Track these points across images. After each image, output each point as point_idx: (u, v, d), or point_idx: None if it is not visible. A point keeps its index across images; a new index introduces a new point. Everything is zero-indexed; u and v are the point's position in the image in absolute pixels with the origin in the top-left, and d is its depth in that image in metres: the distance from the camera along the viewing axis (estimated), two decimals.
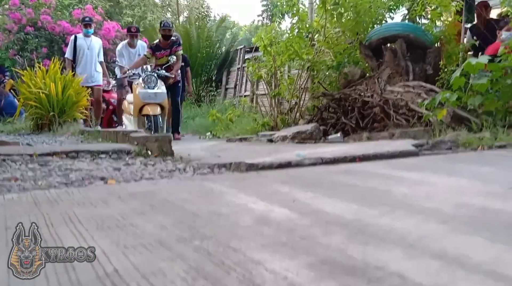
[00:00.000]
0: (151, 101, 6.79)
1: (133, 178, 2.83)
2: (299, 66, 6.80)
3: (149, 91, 6.80)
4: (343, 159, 3.15)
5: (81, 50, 8.99)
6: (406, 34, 5.46)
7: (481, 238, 1.49)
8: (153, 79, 6.87)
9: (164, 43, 7.79)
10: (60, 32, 13.45)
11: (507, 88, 4.47)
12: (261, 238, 1.51)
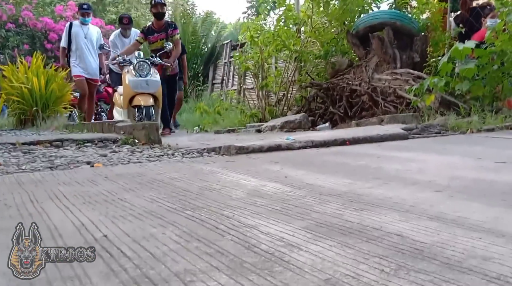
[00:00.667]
0: (142, 91, 5.84)
1: (120, 162, 2.76)
2: (286, 57, 6.77)
3: (140, 79, 5.82)
4: (333, 142, 3.13)
5: (77, 38, 7.83)
6: (393, 21, 5.46)
7: (477, 203, 1.47)
8: (146, 67, 5.94)
9: (157, 24, 6.53)
10: (42, 28, 13.23)
11: (493, 73, 4.50)
12: (254, 208, 1.47)
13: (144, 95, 5.84)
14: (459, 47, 4.32)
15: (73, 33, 7.78)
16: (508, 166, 2.14)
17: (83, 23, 7.87)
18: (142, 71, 5.90)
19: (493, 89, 4.51)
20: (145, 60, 5.97)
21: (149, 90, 5.88)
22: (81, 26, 7.86)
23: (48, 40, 12.64)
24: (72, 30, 7.77)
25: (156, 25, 6.52)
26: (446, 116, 4.15)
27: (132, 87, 5.84)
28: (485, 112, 4.13)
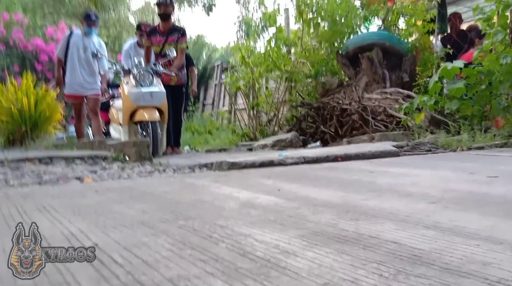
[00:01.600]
0: (146, 104, 4.91)
1: (110, 178, 2.73)
2: (277, 78, 6.82)
3: (143, 91, 4.89)
4: (325, 158, 3.12)
5: (75, 49, 6.67)
6: (382, 42, 5.55)
7: (473, 213, 1.46)
8: (148, 76, 5.05)
9: (163, 26, 5.64)
10: (32, 50, 13.22)
11: (482, 93, 4.55)
12: (248, 218, 1.44)
13: (148, 108, 4.95)
14: (447, 67, 4.38)
15: (72, 43, 6.67)
16: (500, 180, 2.14)
17: (86, 34, 6.69)
18: (144, 81, 5.05)
19: (481, 108, 4.56)
20: (147, 68, 5.13)
21: (154, 103, 4.98)
22: (82, 37, 6.68)
23: (38, 62, 12.61)
24: (71, 40, 6.69)
25: (162, 27, 5.67)
26: (436, 134, 4.18)
27: (134, 100, 4.94)
28: (475, 130, 4.16)
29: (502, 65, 4.25)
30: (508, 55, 4.15)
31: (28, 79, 8.59)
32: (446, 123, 4.39)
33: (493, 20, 4.71)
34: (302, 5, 6.10)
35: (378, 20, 6.41)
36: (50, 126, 8.65)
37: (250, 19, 9.73)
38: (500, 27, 4.41)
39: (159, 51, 5.62)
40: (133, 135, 5.14)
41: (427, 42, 6.03)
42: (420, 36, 5.87)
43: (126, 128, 5.16)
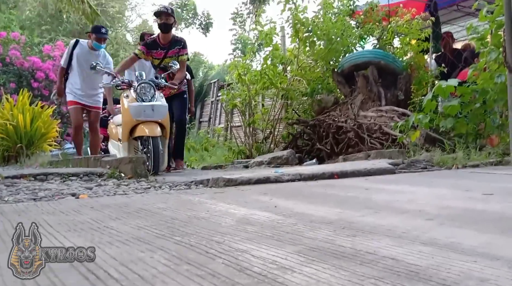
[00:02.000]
0: (146, 118, 4.65)
1: (106, 194, 2.71)
2: (273, 95, 6.86)
3: (144, 104, 4.65)
4: (322, 175, 3.12)
5: (80, 62, 6.20)
6: (377, 61, 5.61)
7: (469, 230, 1.46)
8: (150, 89, 4.80)
9: (164, 38, 5.31)
10: (29, 67, 13.25)
11: (476, 111, 4.59)
12: (245, 234, 1.44)
13: (149, 123, 4.69)
14: (442, 85, 4.42)
15: (76, 55, 6.21)
16: (496, 197, 2.15)
17: (94, 49, 6.25)
18: (145, 94, 4.79)
19: (476, 126, 4.60)
20: (148, 81, 4.86)
21: (155, 118, 4.71)
22: (90, 51, 6.25)
23: (35, 79, 12.63)
24: (75, 51, 6.23)
25: (162, 39, 5.32)
26: (432, 152, 4.20)
27: (134, 115, 4.66)
28: (469, 148, 4.19)
29: (496, 83, 4.30)
30: (502, 74, 4.20)
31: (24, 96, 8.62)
32: (441, 141, 4.42)
33: (486, 39, 4.78)
34: (298, 24, 6.17)
35: (373, 39, 6.49)
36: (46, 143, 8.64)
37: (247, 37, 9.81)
38: (494, 46, 4.47)
39: (157, 64, 5.41)
40: (133, 152, 4.89)
41: (421, 61, 6.10)
42: (414, 55, 5.94)
43: (126, 144, 4.89)
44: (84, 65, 6.06)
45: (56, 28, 20.17)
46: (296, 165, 5.21)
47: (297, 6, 6.30)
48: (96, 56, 6.17)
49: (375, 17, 6.34)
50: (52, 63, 13.04)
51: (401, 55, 5.93)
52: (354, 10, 6.53)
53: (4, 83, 13.19)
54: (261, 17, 6.87)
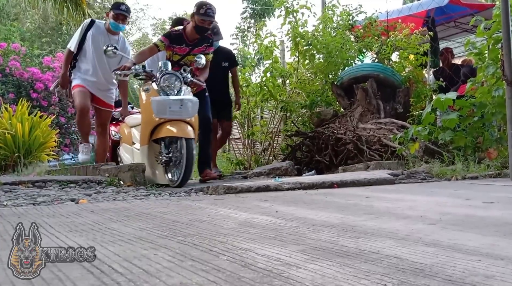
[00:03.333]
0: (172, 117, 3.78)
1: (105, 200, 2.70)
2: (272, 107, 6.88)
3: (171, 99, 3.79)
4: (322, 184, 3.12)
5: (92, 46, 4.96)
6: (376, 74, 5.65)
7: (471, 233, 1.46)
8: (176, 81, 3.94)
9: (191, 35, 4.52)
10: (28, 78, 13.28)
11: (474, 124, 4.61)
12: (247, 235, 1.43)
13: (175, 122, 3.81)
14: (441, 98, 4.45)
15: (91, 37, 4.97)
16: (496, 205, 2.15)
17: (111, 31, 5.00)
18: (171, 88, 3.91)
19: (474, 139, 4.61)
20: (174, 72, 3.99)
21: (183, 115, 3.80)
22: (107, 33, 5.01)
23: (34, 90, 12.64)
24: (89, 33, 4.97)
25: (190, 35, 4.53)
26: (431, 163, 4.20)
27: (157, 112, 3.76)
28: (468, 161, 4.20)
29: (494, 97, 4.33)
30: (499, 88, 4.23)
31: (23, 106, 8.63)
32: (440, 153, 4.43)
33: (484, 54, 4.83)
34: (298, 37, 6.22)
35: (372, 53, 6.54)
36: (44, 152, 8.63)
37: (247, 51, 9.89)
38: (491, 60, 4.51)
39: (177, 60, 4.52)
40: (153, 157, 4.02)
41: (420, 75, 6.15)
42: (413, 69, 5.99)
43: (145, 148, 4.01)
44: (99, 51, 4.84)
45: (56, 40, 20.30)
46: (295, 176, 5.20)
47: (297, 20, 6.35)
48: (114, 41, 4.97)
49: (374, 32, 6.39)
50: (51, 74, 13.06)
51: (399, 69, 5.98)
52: (353, 25, 6.59)
53: (3, 93, 13.18)
54: (261, 31, 6.93)
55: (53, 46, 19.57)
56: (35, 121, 8.57)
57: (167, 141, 3.91)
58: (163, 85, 3.93)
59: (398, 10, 7.30)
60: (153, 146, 4.03)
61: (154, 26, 31.15)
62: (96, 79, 4.97)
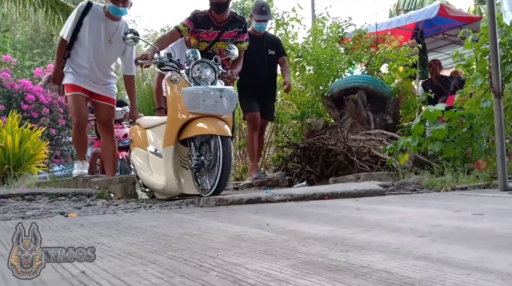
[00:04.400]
0: (207, 112, 3.24)
1: (95, 213, 2.68)
2: None
3: (209, 88, 3.27)
4: (312, 196, 3.13)
5: (89, 32, 4.21)
6: (366, 85, 5.70)
7: (461, 246, 1.47)
8: (209, 70, 3.40)
9: (217, 16, 3.97)
10: (19, 89, 13.20)
11: (463, 135, 4.66)
12: (238, 249, 1.43)
13: (208, 119, 3.26)
14: (430, 110, 4.50)
15: (88, 23, 4.19)
16: (486, 217, 2.17)
17: (111, 16, 4.24)
18: (204, 79, 3.36)
19: (463, 150, 4.65)
20: (209, 61, 3.45)
21: (219, 111, 3.27)
22: (105, 19, 4.24)
23: (24, 101, 12.57)
24: (85, 19, 4.20)
25: (216, 17, 3.95)
26: (421, 174, 4.23)
27: (189, 105, 3.22)
28: (458, 172, 4.23)
29: (482, 108, 4.38)
30: (487, 99, 4.28)
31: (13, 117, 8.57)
32: (430, 164, 4.46)
33: (472, 66, 4.89)
34: (288, 49, 6.27)
35: (361, 65, 6.61)
36: (34, 165, 8.56)
37: None
38: (479, 72, 4.57)
39: (204, 49, 3.91)
40: (178, 162, 3.47)
41: (409, 87, 6.22)
42: (402, 81, 6.06)
43: (170, 150, 3.40)
44: (97, 38, 4.21)
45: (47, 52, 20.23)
46: (286, 187, 5.20)
47: (287, 32, 6.41)
48: (115, 28, 4.27)
49: (363, 44, 6.47)
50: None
51: (389, 81, 6.04)
52: (343, 37, 6.66)
53: None
54: None
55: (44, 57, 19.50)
56: (25, 133, 8.51)
57: (197, 141, 3.33)
58: (195, 75, 3.36)
59: (387, 22, 7.40)
60: (181, 147, 3.48)
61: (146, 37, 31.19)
62: (91, 73, 4.29)
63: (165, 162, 3.44)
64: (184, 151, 3.49)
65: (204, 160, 3.28)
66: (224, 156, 3.11)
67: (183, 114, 3.31)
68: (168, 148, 3.42)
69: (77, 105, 4.23)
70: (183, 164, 3.51)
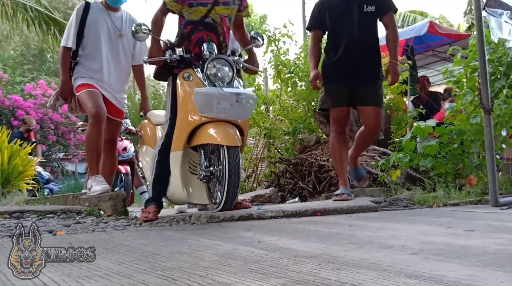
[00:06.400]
0: (219, 116, 2.94)
1: (84, 231, 2.65)
2: (255, 134, 6.90)
3: (224, 91, 2.94)
4: (304, 212, 3.11)
5: (94, 32, 3.77)
6: None
7: (452, 264, 1.46)
8: (227, 69, 3.08)
9: None
10: (9, 105, 13.12)
11: (454, 151, 4.68)
12: (228, 268, 1.41)
13: (220, 124, 2.95)
14: (421, 125, 4.53)
15: (90, 24, 3.76)
16: (477, 233, 2.17)
17: (111, 8, 3.86)
18: (221, 77, 3.03)
19: (455, 166, 4.68)
20: (226, 57, 3.11)
21: (234, 116, 2.97)
22: (107, 11, 3.85)
23: (15, 117, 12.49)
24: (88, 19, 3.76)
25: None
26: (413, 190, 4.24)
27: (201, 107, 2.91)
28: (449, 187, 4.24)
29: (472, 124, 4.41)
30: (477, 115, 4.32)
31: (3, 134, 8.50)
32: (422, 180, 4.47)
33: (462, 82, 4.95)
34: (280, 66, 6.31)
35: None
36: (23, 181, 8.47)
37: None
38: (469, 89, 4.62)
39: (201, 17, 3.20)
40: (187, 169, 3.18)
41: (400, 102, 6.27)
42: (393, 96, 6.10)
43: (179, 155, 3.06)
44: (107, 35, 3.78)
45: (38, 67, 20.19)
46: (279, 203, 5.18)
47: (279, 48, 6.45)
48: (119, 19, 3.87)
49: None
50: (33, 101, 12.97)
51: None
52: None
53: None
54: None
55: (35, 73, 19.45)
56: (15, 149, 8.44)
57: (208, 149, 3.00)
58: (211, 72, 3.01)
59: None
60: (190, 153, 3.16)
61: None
62: (108, 77, 3.76)
63: (171, 169, 3.13)
64: (195, 156, 3.18)
65: (214, 171, 2.99)
66: (230, 168, 2.81)
67: (194, 116, 2.98)
68: (175, 154, 3.08)
69: (94, 98, 3.63)
70: (193, 170, 3.22)
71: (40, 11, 9.39)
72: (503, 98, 4.24)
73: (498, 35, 3.90)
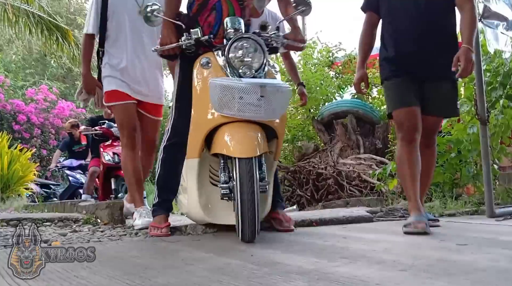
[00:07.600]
0: (245, 115, 2.25)
1: (79, 241, 2.66)
2: None
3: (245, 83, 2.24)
4: (301, 223, 3.12)
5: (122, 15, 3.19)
6: (356, 110, 5.78)
7: (441, 282, 1.47)
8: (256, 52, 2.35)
9: None
10: (11, 110, 13.16)
11: (452, 160, 4.69)
12: (217, 284, 1.42)
13: (242, 125, 2.31)
14: None
15: (111, 4, 3.18)
16: (469, 247, 2.17)
17: None
18: (247, 64, 2.35)
19: (452, 176, 4.68)
20: (254, 37, 2.40)
21: (263, 115, 2.28)
22: None
23: (16, 122, 12.53)
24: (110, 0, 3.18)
25: None
26: None
27: (218, 105, 2.28)
28: (446, 197, 4.25)
29: (469, 134, 4.42)
30: (474, 125, 4.33)
31: (3, 139, 8.53)
32: None
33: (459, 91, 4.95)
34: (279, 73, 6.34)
35: (351, 89, 6.69)
36: (22, 186, 8.49)
37: None
38: (466, 98, 4.63)
39: None
40: (204, 178, 2.54)
41: None
42: None
43: (194, 164, 2.45)
44: (133, 20, 3.17)
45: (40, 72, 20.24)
46: None
47: (277, 57, 6.49)
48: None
49: (353, 69, 6.56)
50: (34, 106, 13.00)
51: (378, 105, 6.11)
52: (333, 61, 6.76)
53: None
54: None
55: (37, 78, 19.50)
56: (15, 154, 8.47)
57: (226, 158, 2.35)
58: (233, 57, 2.34)
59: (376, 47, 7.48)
60: (209, 159, 2.51)
61: None
62: (133, 68, 3.22)
63: (187, 180, 2.57)
64: (216, 163, 2.49)
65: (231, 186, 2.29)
66: (242, 186, 2.16)
67: (212, 114, 2.35)
68: (190, 161, 2.47)
69: (128, 116, 3.23)
70: (214, 181, 2.55)
71: (43, 17, 9.41)
72: (500, 109, 4.24)
73: (495, 46, 3.92)
